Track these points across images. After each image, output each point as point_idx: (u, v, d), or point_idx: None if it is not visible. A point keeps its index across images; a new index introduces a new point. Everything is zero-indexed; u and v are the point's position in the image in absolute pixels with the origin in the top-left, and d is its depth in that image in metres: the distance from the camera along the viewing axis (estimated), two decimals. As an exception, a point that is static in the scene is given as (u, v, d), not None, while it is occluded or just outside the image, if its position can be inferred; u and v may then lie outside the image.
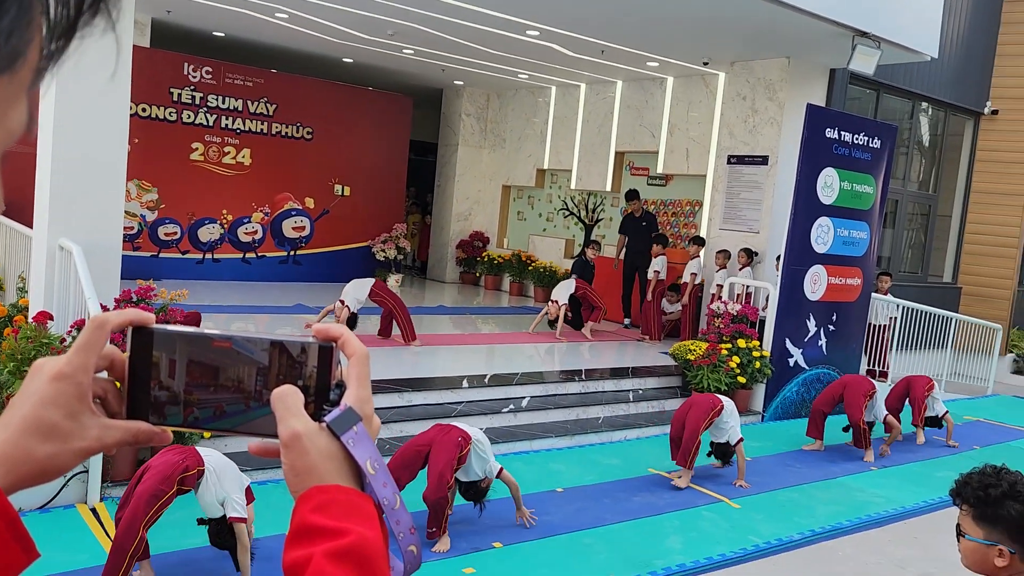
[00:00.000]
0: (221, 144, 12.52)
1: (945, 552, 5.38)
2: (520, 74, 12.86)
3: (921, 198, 13.48)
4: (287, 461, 0.69)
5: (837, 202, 8.89)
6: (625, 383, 8.38)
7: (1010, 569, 2.07)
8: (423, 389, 7.09)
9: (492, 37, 10.21)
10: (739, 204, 10.41)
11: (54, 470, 0.67)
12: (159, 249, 12.17)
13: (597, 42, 10.07)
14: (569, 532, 5.22)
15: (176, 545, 4.49)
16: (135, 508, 3.78)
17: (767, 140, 10.13)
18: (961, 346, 12.12)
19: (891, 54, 9.25)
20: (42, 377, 0.68)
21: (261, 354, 0.74)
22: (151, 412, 0.74)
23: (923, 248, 13.69)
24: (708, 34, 9.32)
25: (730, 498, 6.13)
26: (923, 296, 12.23)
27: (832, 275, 9.03)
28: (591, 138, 13.17)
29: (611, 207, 13.17)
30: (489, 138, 15.17)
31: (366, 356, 0.73)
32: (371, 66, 13.16)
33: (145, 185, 11.94)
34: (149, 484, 3.86)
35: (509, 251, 14.65)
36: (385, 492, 0.69)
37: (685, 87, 11.76)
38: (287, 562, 0.64)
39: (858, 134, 9.00)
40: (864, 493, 6.60)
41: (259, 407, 0.74)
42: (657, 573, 4.75)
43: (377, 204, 14.15)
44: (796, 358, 8.92)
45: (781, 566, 5.05)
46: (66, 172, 5.76)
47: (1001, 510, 2.06)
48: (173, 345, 0.74)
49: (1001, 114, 13.78)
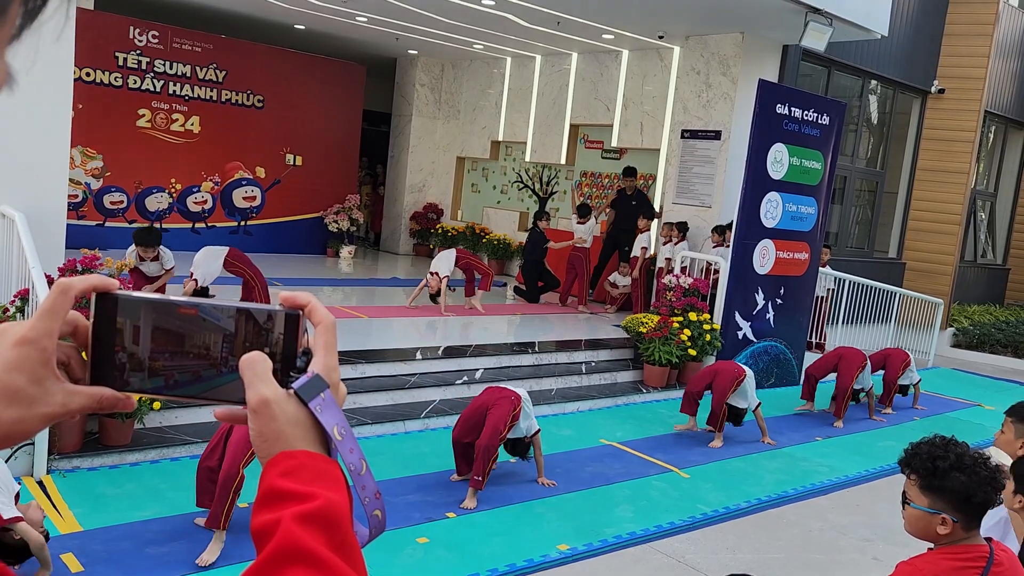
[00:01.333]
0: (169, 111, 12.21)
1: (885, 519, 5.57)
2: (475, 44, 12.75)
3: (869, 175, 13.75)
4: (255, 427, 0.69)
5: (786, 177, 9.03)
6: (578, 355, 8.46)
7: (951, 536, 2.16)
8: (376, 361, 7.07)
9: (447, 6, 10.09)
10: (691, 179, 10.50)
11: (18, 435, 0.67)
12: (105, 218, 11.87)
13: (553, 13, 10.02)
14: (521, 502, 5.29)
15: None
16: None
17: (720, 115, 10.22)
18: (904, 320, 12.47)
19: (842, 31, 9.38)
20: (5, 342, 0.67)
21: (227, 321, 0.74)
22: (115, 378, 0.74)
23: (870, 224, 13.99)
24: (663, 8, 9.33)
25: (679, 468, 6.25)
26: (869, 271, 12.52)
27: (780, 249, 9.19)
28: (546, 110, 13.15)
29: (564, 180, 13.19)
30: (443, 109, 15.05)
31: (333, 324, 0.74)
32: (324, 33, 12.92)
33: (90, 152, 11.61)
34: (237, 439, 4.21)
35: (463, 223, 14.60)
36: (351, 458, 0.70)
37: (640, 61, 11.78)
38: (256, 525, 0.64)
39: (808, 110, 9.13)
40: (809, 462, 6.79)
41: (225, 374, 0.74)
42: (608, 541, 4.84)
43: (329, 175, 13.97)
44: (745, 331, 9.09)
45: (728, 533, 5.19)
46: (8, 137, 5.57)
47: (947, 481, 2.13)
48: (138, 311, 0.73)
49: (947, 93, 14.08)
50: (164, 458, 5.40)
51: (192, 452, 5.49)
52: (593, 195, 12.74)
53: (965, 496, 2.11)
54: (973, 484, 2.11)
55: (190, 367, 0.74)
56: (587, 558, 4.63)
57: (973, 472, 2.12)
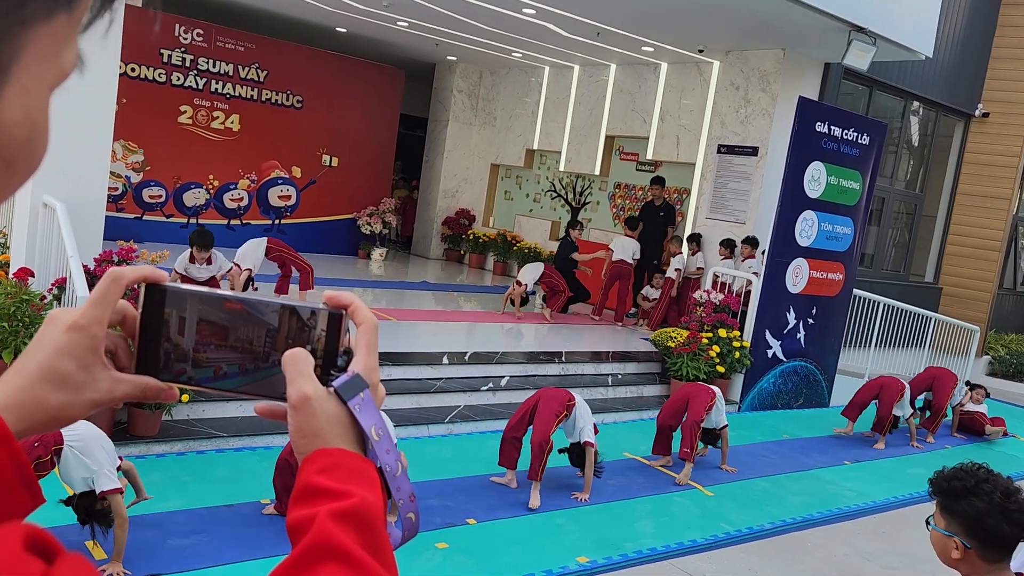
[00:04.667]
0: (210, 108, 12.38)
1: (911, 547, 5.46)
2: (514, 52, 12.78)
3: (907, 197, 13.56)
4: (295, 423, 0.70)
5: (823, 196, 8.93)
6: (605, 367, 8.42)
7: (967, 564, 2.11)
8: (402, 363, 7.09)
9: (488, 13, 10.13)
10: (726, 194, 10.42)
11: (65, 419, 0.69)
12: (143, 211, 12.06)
13: (593, 24, 10.02)
14: (542, 512, 5.26)
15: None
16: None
17: (758, 131, 10.14)
18: (939, 346, 12.25)
19: (886, 51, 9.26)
20: (57, 327, 0.69)
21: (272, 316, 0.75)
22: (160, 368, 0.75)
23: (906, 247, 13.78)
24: (705, 22, 9.29)
25: (703, 485, 6.18)
26: (904, 295, 12.33)
27: (814, 269, 9.08)
28: (582, 120, 13.13)
29: (599, 191, 13.16)
30: (480, 115, 15.10)
31: (375, 326, 0.75)
32: (365, 37, 13.03)
33: (131, 146, 11.80)
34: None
35: (495, 230, 14.62)
36: (388, 459, 0.71)
37: (679, 74, 11.73)
38: (291, 520, 0.65)
39: (848, 129, 9.02)
40: (835, 486, 6.68)
41: (267, 368, 0.74)
42: (628, 556, 4.80)
43: (364, 177, 14.06)
44: (775, 350, 8.99)
45: (751, 554, 5.12)
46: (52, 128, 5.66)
47: (961, 503, 2.10)
48: (185, 304, 0.74)
49: (992, 117, 13.85)
50: (190, 451, 5.45)
51: (217, 446, 5.54)
52: (626, 207, 12.70)
53: (976, 521, 2.08)
54: (985, 511, 2.06)
55: (233, 360, 0.75)
56: (606, 572, 4.59)
57: (989, 499, 2.08)
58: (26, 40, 0.40)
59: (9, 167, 0.43)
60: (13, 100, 0.41)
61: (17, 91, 0.41)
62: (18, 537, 0.40)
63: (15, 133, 0.42)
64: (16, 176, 0.44)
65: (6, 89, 0.40)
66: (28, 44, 0.41)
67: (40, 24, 0.40)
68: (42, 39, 0.41)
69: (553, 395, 5.52)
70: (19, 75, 0.41)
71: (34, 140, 0.44)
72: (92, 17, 0.45)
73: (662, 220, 10.91)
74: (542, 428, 5.31)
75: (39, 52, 0.41)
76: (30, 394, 0.67)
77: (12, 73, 0.40)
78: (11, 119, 0.41)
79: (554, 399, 5.46)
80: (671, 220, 10.97)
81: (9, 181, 0.44)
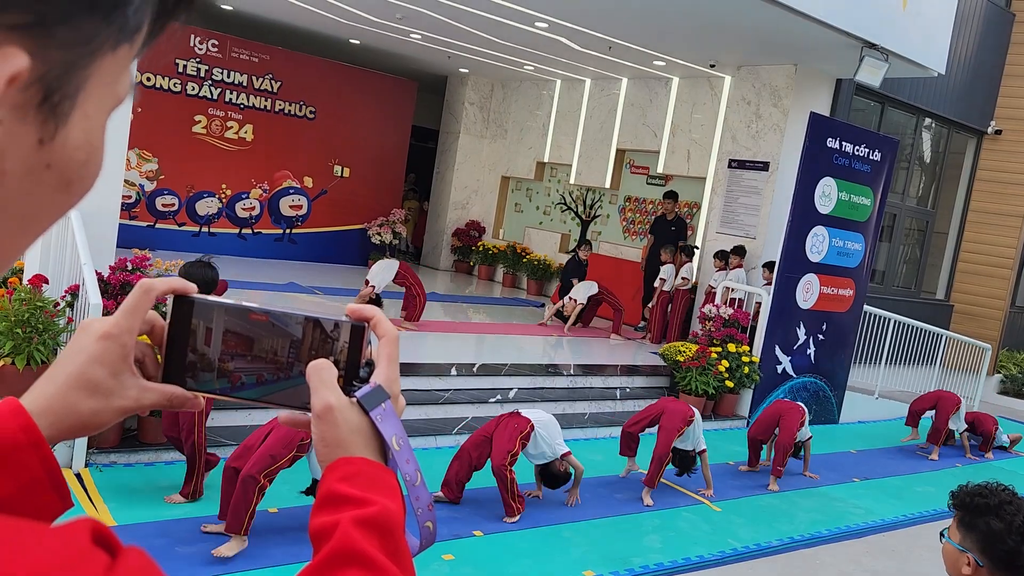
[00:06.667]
0: (224, 118, 12.47)
1: (921, 567, 5.42)
2: (526, 65, 12.83)
3: (919, 213, 13.52)
4: (318, 432, 0.72)
5: (834, 212, 8.92)
6: (613, 381, 8.40)
7: None
8: (411, 375, 7.10)
9: (500, 26, 10.18)
10: (737, 209, 10.42)
11: (95, 425, 0.71)
12: (156, 220, 12.13)
13: (605, 38, 10.06)
14: (549, 525, 5.25)
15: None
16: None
17: (769, 146, 10.14)
18: (949, 364, 12.18)
19: (898, 68, 9.26)
20: (89, 336, 0.71)
21: (296, 328, 0.76)
22: (186, 378, 0.76)
23: (918, 264, 13.73)
24: (717, 36, 9.31)
25: (711, 500, 6.16)
26: (914, 311, 12.28)
27: (825, 284, 9.06)
28: (593, 134, 13.16)
29: (609, 204, 13.17)
30: (491, 128, 15.15)
31: (396, 338, 0.77)
32: (377, 49, 13.12)
33: (145, 155, 11.89)
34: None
35: (504, 242, 14.65)
36: (408, 468, 0.73)
37: (690, 88, 11.75)
38: (315, 526, 0.67)
39: (859, 145, 9.02)
40: (845, 503, 6.65)
41: (289, 379, 0.76)
42: (634, 570, 4.78)
43: (375, 187, 14.12)
44: (784, 365, 8.96)
45: (759, 570, 5.09)
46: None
47: (979, 520, 2.08)
48: (211, 315, 0.76)
49: (1004, 134, 13.81)
50: (198, 459, 5.46)
51: (226, 454, 5.54)
52: (636, 220, 12.71)
53: (993, 541, 2.06)
54: (1004, 532, 2.05)
55: (257, 371, 0.77)
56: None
57: (1011, 521, 2.06)
58: (93, 70, 0.43)
59: (68, 187, 0.45)
60: (77, 125, 0.44)
61: (80, 117, 0.44)
62: (87, 531, 0.42)
63: (76, 156, 0.45)
64: (73, 196, 0.46)
65: (72, 115, 0.43)
66: (94, 74, 0.44)
67: (106, 56, 0.44)
68: (105, 69, 0.44)
69: (676, 410, 5.98)
70: (84, 103, 0.44)
71: (90, 163, 0.46)
72: (143, 46, 0.47)
73: (674, 234, 10.92)
74: (665, 440, 5.83)
75: (101, 81, 0.44)
76: (62, 400, 0.68)
77: (78, 101, 0.43)
78: (74, 143, 0.44)
79: (677, 415, 5.92)
80: (683, 234, 11.00)
81: (66, 200, 0.46)
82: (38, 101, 0.41)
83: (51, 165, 0.44)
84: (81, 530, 0.42)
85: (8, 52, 0.39)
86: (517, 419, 5.29)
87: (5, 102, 0.40)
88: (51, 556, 0.39)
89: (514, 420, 5.28)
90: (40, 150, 0.43)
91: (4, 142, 0.41)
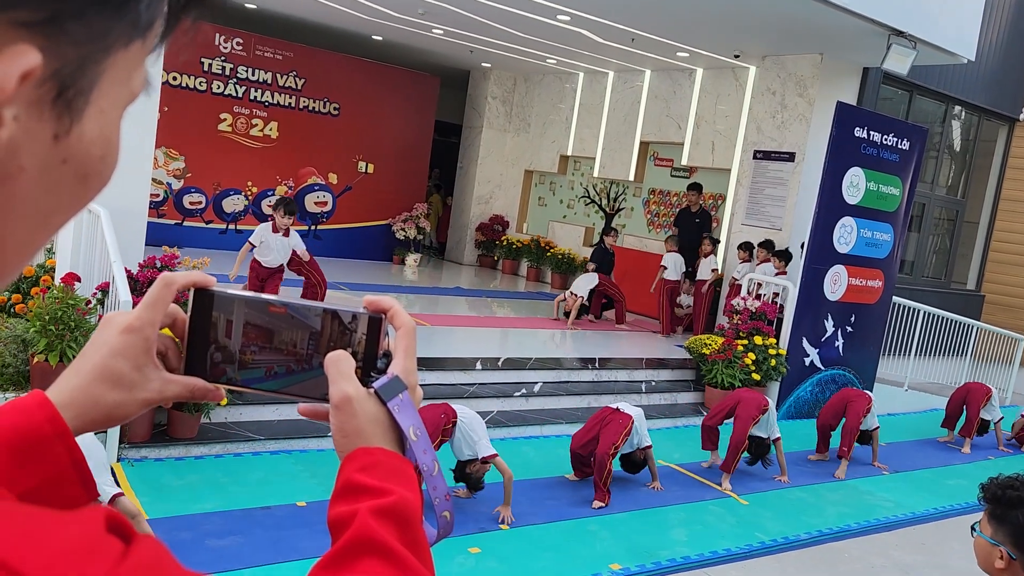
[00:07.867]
0: (249, 116, 12.57)
1: (952, 560, 5.36)
2: (548, 59, 12.80)
3: (949, 203, 13.33)
4: (336, 422, 0.73)
5: (862, 202, 8.81)
6: (639, 374, 8.38)
7: (1009, 574, 2.07)
8: (436, 369, 7.12)
9: (522, 20, 10.16)
10: (762, 200, 10.33)
11: (119, 417, 0.72)
12: (183, 217, 12.27)
13: (628, 30, 10.00)
14: (575, 518, 5.25)
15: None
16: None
17: (795, 137, 10.03)
18: (981, 355, 12.01)
19: (927, 55, 9.12)
20: (112, 329, 0.72)
21: (314, 319, 0.77)
22: (207, 370, 0.78)
23: (948, 254, 13.54)
24: (741, 26, 9.23)
25: (739, 494, 6.13)
26: (945, 302, 12.11)
27: (853, 276, 8.96)
28: (616, 127, 13.11)
29: (632, 196, 13.12)
30: (514, 122, 15.13)
31: (413, 329, 0.78)
32: (400, 44, 13.14)
33: (173, 153, 12.02)
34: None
35: (528, 236, 14.63)
36: (425, 459, 0.73)
37: (714, 79, 11.66)
38: (332, 516, 0.67)
39: (887, 135, 8.90)
40: (873, 496, 6.58)
41: (309, 370, 0.77)
42: (661, 564, 4.77)
43: (400, 183, 14.17)
44: (812, 358, 8.88)
45: (786, 564, 5.06)
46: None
47: (1011, 513, 2.07)
48: (232, 307, 0.77)
49: (1035, 121, 13.57)
50: (228, 453, 5.53)
51: (254, 448, 5.61)
52: (660, 213, 12.64)
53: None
54: None
55: (276, 362, 0.77)
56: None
57: None
58: (107, 66, 0.44)
59: (85, 182, 0.46)
60: (91, 121, 0.44)
61: (95, 113, 0.44)
62: (101, 518, 0.43)
63: (92, 151, 0.45)
64: (90, 191, 0.47)
65: (87, 111, 0.44)
66: (108, 69, 0.44)
67: (119, 51, 0.44)
68: (119, 65, 0.45)
69: (751, 399, 6.29)
70: (98, 98, 0.44)
71: (107, 158, 0.47)
72: (158, 43, 0.48)
73: (698, 226, 10.83)
74: (741, 428, 6.08)
75: (115, 77, 0.45)
76: (86, 393, 0.70)
77: (92, 96, 0.44)
78: (90, 138, 0.45)
79: (752, 404, 6.20)
80: (707, 226, 10.90)
81: (84, 195, 0.47)
82: (52, 97, 0.42)
83: (67, 160, 0.44)
84: (95, 518, 0.43)
85: (21, 49, 0.39)
86: (620, 415, 5.71)
87: (19, 98, 0.40)
88: (65, 542, 0.40)
89: (618, 416, 5.69)
90: (56, 146, 0.43)
91: (20, 138, 0.41)
